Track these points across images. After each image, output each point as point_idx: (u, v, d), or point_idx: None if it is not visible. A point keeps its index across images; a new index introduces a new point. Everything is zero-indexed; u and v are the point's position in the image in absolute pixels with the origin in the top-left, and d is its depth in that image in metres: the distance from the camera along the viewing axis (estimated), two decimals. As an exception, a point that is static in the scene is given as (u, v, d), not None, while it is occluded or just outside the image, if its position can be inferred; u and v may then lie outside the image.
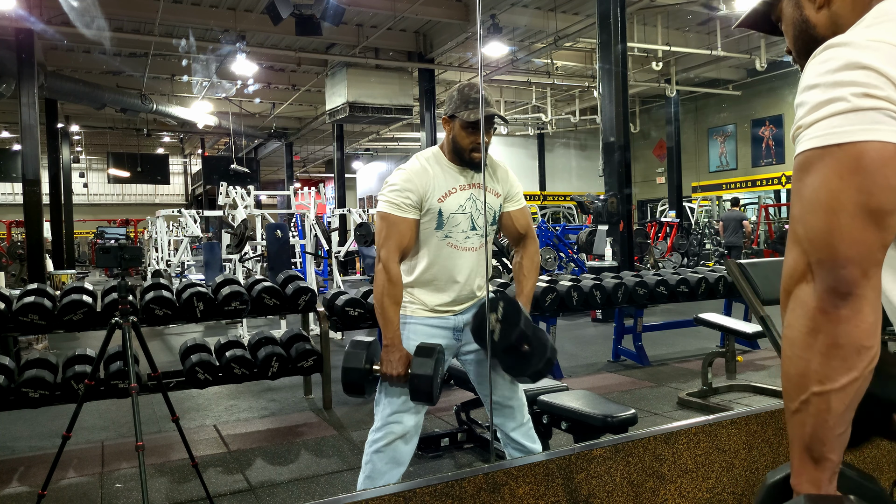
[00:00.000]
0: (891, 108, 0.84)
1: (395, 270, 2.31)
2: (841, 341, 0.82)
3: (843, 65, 0.87)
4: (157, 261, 13.80)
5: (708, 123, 21.15)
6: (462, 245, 2.42)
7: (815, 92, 0.88)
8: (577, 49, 15.21)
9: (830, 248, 0.84)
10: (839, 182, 0.84)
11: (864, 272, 0.83)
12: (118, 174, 23.98)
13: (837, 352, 0.83)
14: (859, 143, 0.84)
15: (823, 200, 0.85)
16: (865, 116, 0.84)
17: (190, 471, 3.46)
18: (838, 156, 0.85)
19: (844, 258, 0.83)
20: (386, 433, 2.34)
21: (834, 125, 0.85)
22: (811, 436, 0.85)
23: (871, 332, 0.83)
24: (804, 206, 0.88)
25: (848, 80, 0.86)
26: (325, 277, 11.47)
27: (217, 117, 19.38)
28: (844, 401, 0.84)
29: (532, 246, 2.60)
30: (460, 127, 2.37)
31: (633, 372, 5.87)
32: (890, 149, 0.84)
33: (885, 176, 0.84)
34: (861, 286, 0.83)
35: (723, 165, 20.80)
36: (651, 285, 6.14)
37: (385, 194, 2.38)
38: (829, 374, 0.83)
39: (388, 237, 2.33)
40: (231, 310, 4.58)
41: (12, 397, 3.82)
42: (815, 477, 0.86)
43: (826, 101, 0.87)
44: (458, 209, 2.41)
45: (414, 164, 2.43)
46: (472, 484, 1.30)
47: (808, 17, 1.06)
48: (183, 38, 11.99)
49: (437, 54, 14.31)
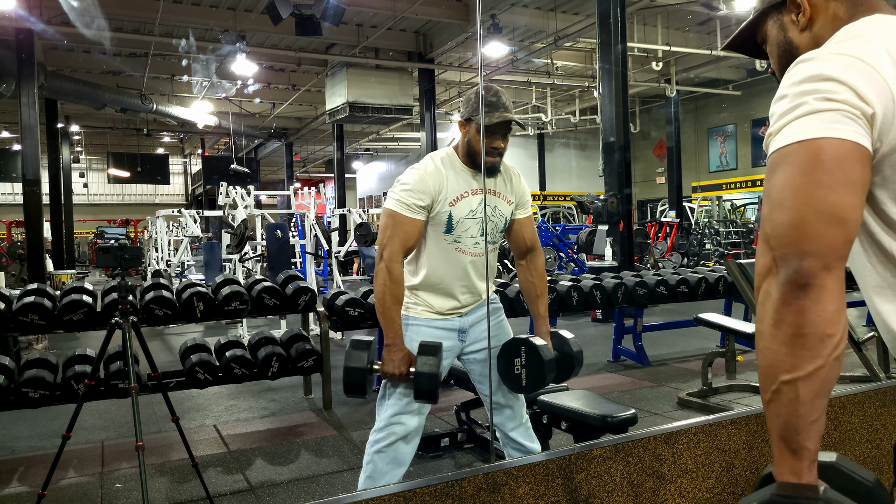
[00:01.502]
0: (849, 110, 0.90)
1: (398, 270, 2.29)
2: (804, 331, 0.86)
3: (807, 76, 0.94)
4: (157, 261, 13.80)
5: (708, 123, 21.15)
6: (470, 250, 2.41)
7: (783, 102, 0.95)
8: (577, 49, 15.21)
9: (793, 242, 0.88)
10: (801, 178, 0.90)
11: (825, 265, 0.87)
12: (118, 174, 23.98)
13: (801, 341, 0.86)
14: (818, 139, 0.90)
15: (787, 197, 0.90)
16: (825, 117, 0.90)
17: (190, 471, 3.46)
18: (800, 153, 0.90)
19: (804, 251, 0.87)
20: (388, 434, 2.34)
21: (797, 127, 0.92)
22: (784, 426, 0.88)
23: (833, 320, 0.86)
24: (771, 203, 0.93)
25: (811, 89, 0.92)
26: (325, 277, 11.46)
27: (217, 117, 19.38)
28: (812, 388, 0.86)
29: (539, 260, 2.61)
30: (476, 131, 2.35)
31: (633, 372, 5.87)
32: (847, 145, 0.89)
33: (843, 171, 0.89)
34: (820, 277, 0.86)
35: (723, 165, 20.80)
36: (651, 285, 6.14)
37: (396, 192, 2.35)
38: (794, 363, 0.86)
39: (393, 236, 2.29)
40: (231, 310, 4.58)
41: (12, 397, 3.82)
42: (794, 466, 0.88)
43: (791, 109, 0.93)
44: (468, 214, 2.38)
45: (428, 165, 2.40)
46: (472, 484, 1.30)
47: (791, 39, 1.13)
48: (183, 38, 11.99)
49: (437, 54, 14.32)
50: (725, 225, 18.06)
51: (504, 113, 2.32)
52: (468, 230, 2.39)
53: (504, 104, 2.34)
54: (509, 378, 2.42)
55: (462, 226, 2.38)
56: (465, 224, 2.38)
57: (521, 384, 2.38)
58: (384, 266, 2.28)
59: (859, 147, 0.90)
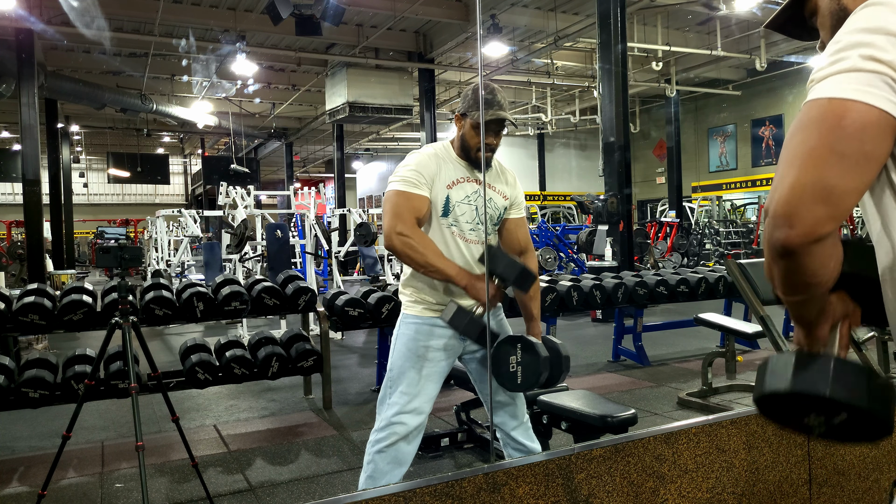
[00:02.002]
0: (890, 73, 0.84)
1: (419, 232, 2.31)
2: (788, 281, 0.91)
3: (868, 27, 0.88)
4: (157, 261, 13.80)
5: (708, 123, 21.14)
6: (467, 236, 2.44)
7: (836, 47, 0.89)
8: (577, 49, 15.21)
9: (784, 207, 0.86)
10: (817, 140, 0.86)
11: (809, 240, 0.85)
12: (118, 174, 23.98)
13: (788, 281, 0.92)
14: (847, 100, 0.85)
15: (797, 158, 0.87)
16: (862, 78, 0.85)
17: (190, 471, 3.46)
18: (825, 111, 0.86)
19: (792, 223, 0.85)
20: (389, 433, 2.34)
21: (833, 82, 0.87)
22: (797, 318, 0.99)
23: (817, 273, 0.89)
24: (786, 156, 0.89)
25: (860, 42, 0.86)
26: (325, 277, 11.47)
27: (217, 117, 19.38)
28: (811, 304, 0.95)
29: (533, 262, 2.60)
30: (470, 126, 2.42)
31: (633, 372, 5.87)
32: (874, 113, 0.84)
33: (861, 141, 0.84)
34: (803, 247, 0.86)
35: (723, 165, 20.80)
36: (651, 285, 6.14)
37: (399, 174, 2.40)
38: (785, 290, 0.94)
39: (403, 209, 2.31)
40: (231, 310, 4.58)
41: (12, 397, 3.82)
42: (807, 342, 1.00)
43: (836, 60, 0.88)
44: (464, 199, 2.43)
45: (426, 150, 2.49)
46: (472, 484, 1.30)
47: (846, 6, 1.03)
48: (183, 38, 11.99)
49: (437, 54, 14.32)
50: (725, 225, 18.06)
51: (498, 111, 2.38)
52: (464, 215, 2.43)
53: (499, 102, 2.39)
54: (504, 376, 2.40)
55: (458, 209, 2.42)
56: (461, 208, 2.42)
57: (516, 382, 2.38)
58: (405, 240, 2.26)
59: (887, 116, 0.84)
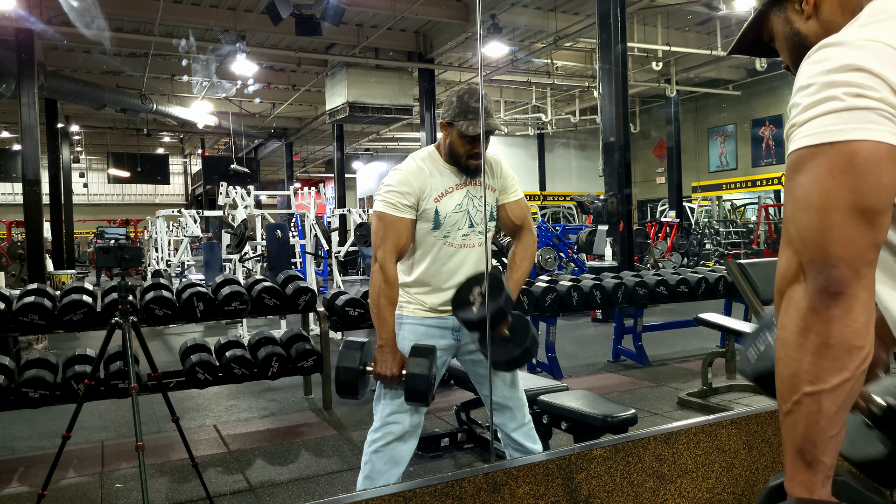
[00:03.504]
0: (885, 108, 0.83)
1: (392, 271, 2.31)
2: (832, 341, 0.82)
3: (838, 66, 0.86)
4: (157, 261, 13.80)
5: (708, 123, 21.14)
6: (460, 243, 2.41)
7: (809, 91, 0.88)
8: (577, 49, 15.20)
9: (821, 247, 0.83)
10: (831, 181, 0.84)
11: (856, 272, 0.82)
12: (118, 174, 23.97)
13: (828, 352, 0.82)
14: (852, 141, 0.83)
15: (815, 199, 0.84)
16: (859, 116, 0.83)
17: (190, 471, 3.46)
18: (831, 154, 0.84)
19: (835, 258, 0.82)
20: (385, 433, 2.34)
21: (827, 124, 0.85)
22: (803, 437, 0.85)
23: (862, 332, 0.82)
24: (796, 205, 0.87)
25: (842, 81, 0.85)
26: (325, 277, 11.47)
27: (217, 117, 19.37)
28: (836, 402, 0.83)
29: (528, 236, 2.55)
30: (457, 135, 2.36)
31: (633, 372, 5.87)
32: (883, 149, 0.83)
33: (878, 175, 0.83)
34: (852, 286, 0.82)
35: (723, 165, 20.79)
36: (651, 285, 6.14)
37: (381, 195, 2.37)
38: (820, 374, 0.82)
39: (385, 237, 2.31)
40: (231, 310, 4.58)
41: (12, 397, 3.82)
42: (808, 480, 0.86)
43: (820, 101, 0.86)
44: (454, 208, 2.39)
45: (409, 165, 2.42)
46: (472, 484, 1.30)
47: (798, 30, 1.06)
48: (183, 38, 11.99)
49: (437, 54, 14.31)
50: (725, 225, 18.07)
51: (486, 120, 2.29)
52: (455, 224, 2.40)
53: (485, 108, 2.31)
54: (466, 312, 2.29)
55: (449, 220, 2.39)
56: (452, 218, 2.39)
57: (477, 316, 2.25)
58: (378, 267, 2.30)
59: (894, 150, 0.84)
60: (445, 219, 2.38)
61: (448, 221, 2.39)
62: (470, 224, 2.42)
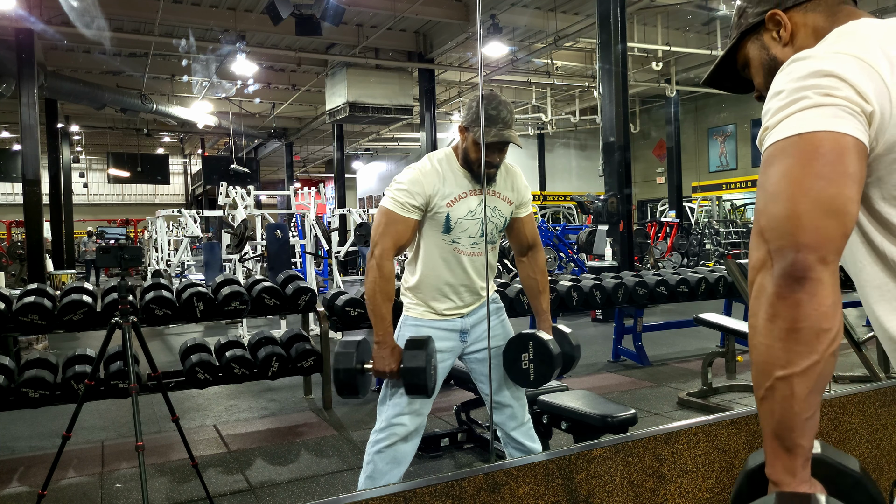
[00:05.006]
0: (850, 105, 0.89)
1: (389, 267, 2.31)
2: (799, 325, 0.84)
3: (807, 73, 0.92)
4: (157, 261, 13.80)
5: (708, 123, 21.15)
6: (469, 250, 2.40)
7: (780, 96, 0.93)
8: (577, 49, 15.21)
9: (790, 235, 0.86)
10: (800, 169, 0.88)
11: (822, 258, 0.85)
12: (118, 174, 23.97)
13: (797, 336, 0.84)
14: (819, 132, 0.88)
15: (784, 189, 0.88)
16: (827, 111, 0.89)
17: (190, 471, 3.46)
18: (799, 145, 0.89)
19: (800, 243, 0.85)
20: (389, 434, 2.34)
21: (796, 121, 0.90)
22: (779, 423, 0.87)
23: (829, 314, 0.84)
24: (766, 196, 0.91)
25: (811, 84, 0.91)
26: (325, 277, 11.47)
27: (217, 117, 19.38)
28: (807, 384, 0.85)
29: (541, 256, 2.61)
30: (473, 142, 2.33)
31: (633, 372, 5.87)
32: (848, 140, 0.88)
33: (843, 164, 0.87)
34: (816, 270, 0.85)
35: (723, 165, 20.80)
36: (651, 285, 6.14)
37: (391, 191, 2.36)
38: (790, 358, 0.85)
39: (385, 234, 2.31)
40: (231, 310, 4.58)
41: (12, 397, 3.82)
42: (789, 465, 0.87)
43: (790, 103, 0.91)
44: (467, 214, 2.37)
45: (425, 165, 2.39)
46: (472, 484, 1.30)
47: (775, 56, 1.12)
48: (183, 38, 11.99)
49: (437, 54, 14.31)
50: (725, 225, 18.06)
51: (503, 130, 2.29)
52: (466, 230, 2.38)
53: (504, 118, 2.30)
54: (516, 373, 2.42)
55: (460, 226, 2.37)
56: (463, 224, 2.37)
57: (528, 379, 2.40)
58: (375, 263, 2.29)
59: (859, 143, 0.89)
60: (456, 224, 2.36)
61: (459, 227, 2.37)
62: (481, 232, 2.41)
